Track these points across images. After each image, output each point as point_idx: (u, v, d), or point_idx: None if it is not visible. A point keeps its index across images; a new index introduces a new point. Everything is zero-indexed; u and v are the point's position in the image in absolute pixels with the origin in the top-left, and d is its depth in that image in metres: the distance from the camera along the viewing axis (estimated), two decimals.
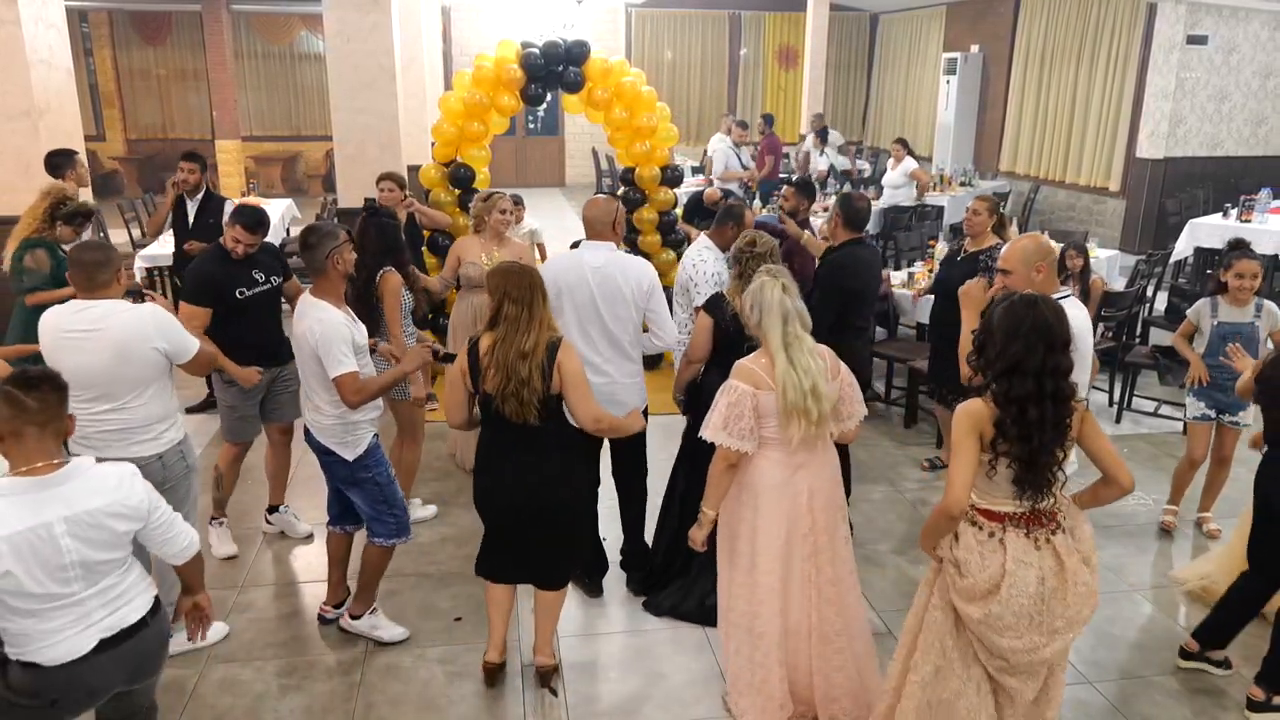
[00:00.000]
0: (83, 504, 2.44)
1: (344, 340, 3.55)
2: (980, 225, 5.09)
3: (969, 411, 2.76)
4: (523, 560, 3.56)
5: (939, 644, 2.94)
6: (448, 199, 7.04)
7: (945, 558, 2.89)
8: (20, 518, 2.35)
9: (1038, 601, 2.75)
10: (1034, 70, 13.34)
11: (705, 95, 17.97)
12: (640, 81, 7.25)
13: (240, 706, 3.57)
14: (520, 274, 3.30)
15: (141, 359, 3.42)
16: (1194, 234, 9.25)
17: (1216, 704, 3.68)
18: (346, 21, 6.50)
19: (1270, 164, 11.22)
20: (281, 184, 16.36)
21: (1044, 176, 13.17)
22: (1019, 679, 2.86)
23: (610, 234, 4.14)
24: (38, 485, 2.39)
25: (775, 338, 3.12)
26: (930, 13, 15.97)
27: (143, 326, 3.41)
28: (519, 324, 3.23)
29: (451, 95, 7.09)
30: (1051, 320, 2.68)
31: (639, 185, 7.35)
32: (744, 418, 3.13)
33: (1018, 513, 2.78)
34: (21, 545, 2.35)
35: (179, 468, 3.63)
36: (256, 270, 4.45)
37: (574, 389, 3.30)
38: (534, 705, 3.61)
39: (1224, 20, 10.61)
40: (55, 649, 2.43)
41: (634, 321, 4.10)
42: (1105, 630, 4.12)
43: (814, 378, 3.09)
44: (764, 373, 3.14)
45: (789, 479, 3.23)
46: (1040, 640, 2.77)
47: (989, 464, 2.74)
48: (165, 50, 16.62)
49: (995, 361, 2.70)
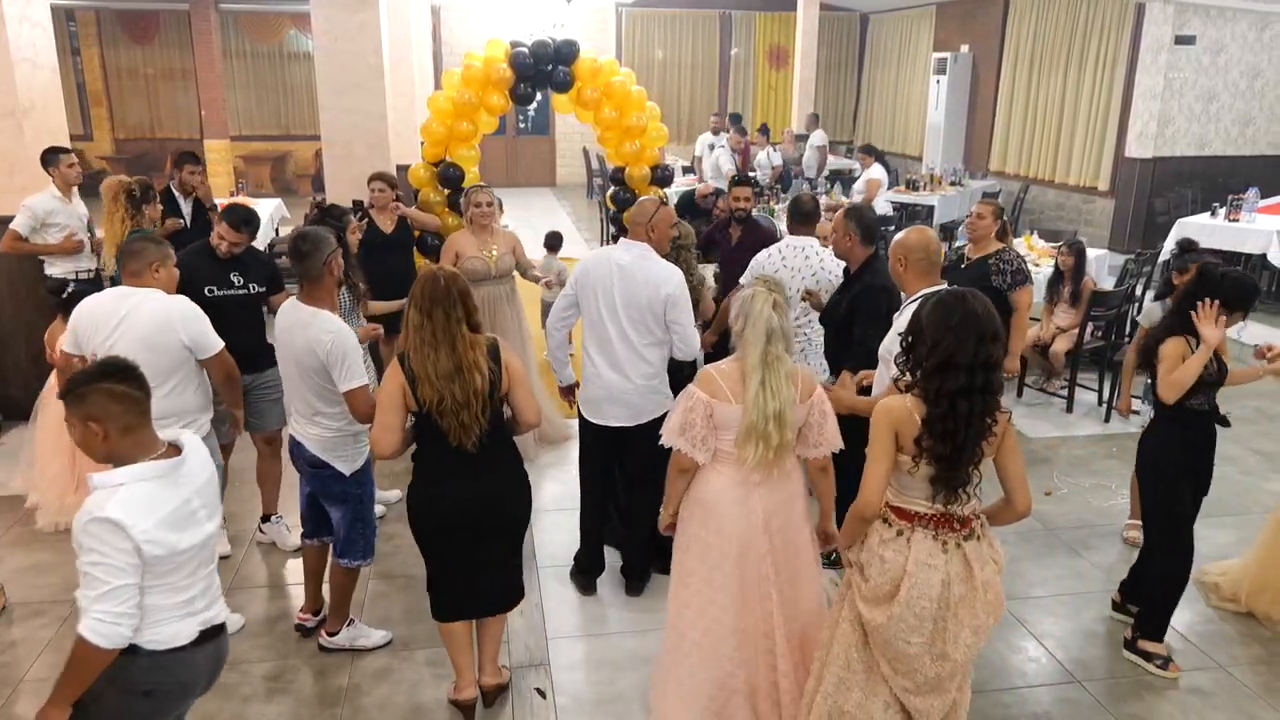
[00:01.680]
0: (201, 478, 2.50)
1: (356, 351, 3.49)
2: (984, 230, 5.06)
3: (886, 408, 2.72)
4: (473, 589, 3.38)
5: (844, 655, 2.89)
6: (437, 199, 7.01)
7: (852, 561, 2.87)
8: (174, 494, 2.38)
9: (941, 605, 2.70)
10: (1023, 70, 13.38)
11: (695, 95, 17.98)
12: (630, 81, 7.23)
13: (227, 710, 3.55)
14: (427, 282, 3.11)
15: (164, 349, 3.58)
16: (1182, 233, 9.25)
17: (1206, 703, 3.68)
18: (334, 20, 6.46)
19: (1257, 163, 11.28)
20: (270, 184, 16.29)
21: (1033, 176, 13.21)
22: (925, 698, 2.81)
23: (643, 235, 4.09)
24: (172, 467, 2.40)
25: (754, 353, 2.98)
26: (920, 13, 16.00)
27: (169, 316, 3.60)
28: (424, 335, 3.07)
29: (440, 95, 7.06)
30: (981, 312, 2.63)
31: (629, 185, 7.34)
32: (696, 425, 3.02)
33: (928, 513, 2.74)
34: (178, 520, 2.37)
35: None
36: (235, 273, 4.44)
37: (519, 387, 3.25)
38: (521, 707, 3.59)
39: (1211, 21, 10.65)
40: (161, 630, 2.39)
41: (649, 327, 4.01)
42: (1093, 630, 4.13)
43: (782, 404, 2.95)
44: (725, 383, 3.01)
45: (743, 498, 3.07)
46: (945, 647, 2.72)
47: (913, 461, 2.69)
48: (153, 49, 16.54)
49: (927, 357, 2.64)
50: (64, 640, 3.93)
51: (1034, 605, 4.30)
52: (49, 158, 5.80)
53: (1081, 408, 6.67)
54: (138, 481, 2.32)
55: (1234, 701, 3.69)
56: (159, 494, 2.34)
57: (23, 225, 5.75)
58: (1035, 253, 7.96)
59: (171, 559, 2.35)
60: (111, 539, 2.23)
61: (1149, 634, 3.87)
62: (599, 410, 4.13)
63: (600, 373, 4.08)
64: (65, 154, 5.86)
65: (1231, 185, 10.15)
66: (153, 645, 2.38)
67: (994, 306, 2.69)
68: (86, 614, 2.24)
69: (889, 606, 2.74)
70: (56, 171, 5.80)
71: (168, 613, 2.40)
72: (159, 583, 2.35)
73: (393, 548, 4.64)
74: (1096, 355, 6.66)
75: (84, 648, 2.25)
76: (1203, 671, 3.87)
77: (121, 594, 2.25)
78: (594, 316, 4.07)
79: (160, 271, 3.69)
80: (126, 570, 2.25)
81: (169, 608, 2.39)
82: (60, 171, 5.80)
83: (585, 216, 14.39)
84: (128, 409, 2.35)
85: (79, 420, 2.33)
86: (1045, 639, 4.07)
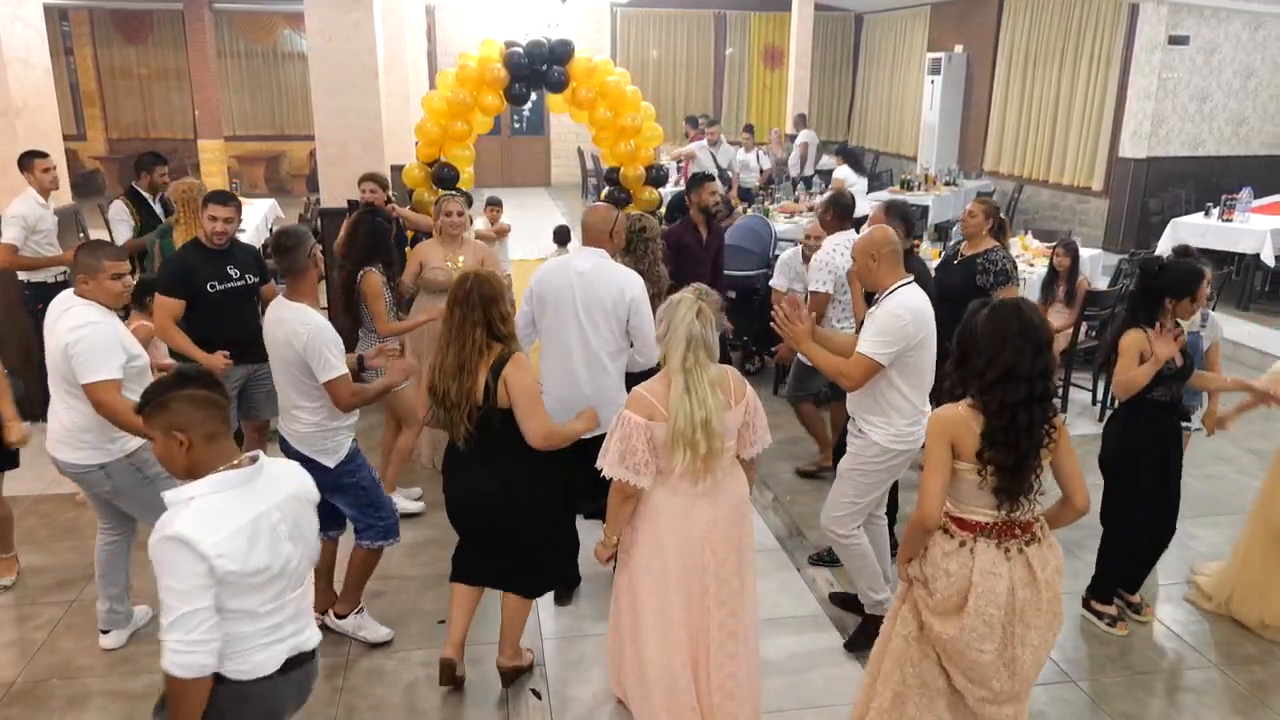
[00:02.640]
0: (282, 491, 2.38)
1: (333, 343, 3.52)
2: (975, 227, 5.08)
3: (941, 419, 2.72)
4: (491, 565, 3.52)
5: (899, 671, 2.91)
6: (431, 199, 7.00)
7: (915, 576, 2.87)
8: (249, 506, 2.27)
9: (1009, 611, 2.72)
10: (1017, 70, 13.40)
11: (690, 95, 17.97)
12: (625, 81, 7.23)
13: None
14: (457, 282, 3.25)
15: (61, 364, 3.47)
16: (1176, 233, 9.31)
17: (1199, 701, 3.69)
18: (328, 20, 6.44)
19: (1251, 163, 11.31)
20: (265, 184, 16.26)
21: (1028, 176, 13.23)
22: (1002, 708, 2.82)
23: (606, 242, 4.09)
24: (248, 476, 2.30)
25: (675, 359, 2.92)
26: (914, 13, 16.02)
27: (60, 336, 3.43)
28: (446, 329, 3.24)
29: (435, 94, 7.06)
30: (1037, 321, 2.67)
31: (624, 185, 7.34)
32: (638, 451, 2.92)
33: (990, 523, 2.75)
34: (255, 533, 2.26)
35: (129, 478, 3.63)
36: (232, 266, 4.47)
37: (522, 406, 3.20)
38: (516, 708, 3.59)
39: (1205, 21, 10.68)
40: (247, 659, 2.28)
41: (613, 334, 4.01)
42: (1087, 629, 4.14)
43: (709, 411, 2.88)
44: (658, 402, 2.93)
45: (688, 508, 3.02)
46: (1015, 651, 2.74)
47: (977, 474, 2.69)
48: (147, 49, 16.50)
49: (986, 370, 2.65)
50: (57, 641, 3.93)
51: None
52: (24, 161, 5.68)
53: (1076, 407, 6.69)
54: (210, 494, 2.22)
55: (1227, 700, 3.70)
56: (232, 506, 2.24)
57: (17, 237, 5.61)
58: (1030, 253, 7.97)
59: (250, 578, 2.22)
60: (179, 559, 2.13)
61: (1098, 596, 4.16)
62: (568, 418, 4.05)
63: (560, 384, 4.01)
64: (41, 158, 5.72)
65: (1225, 185, 10.18)
66: (238, 675, 2.27)
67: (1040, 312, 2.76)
68: (164, 642, 2.14)
69: (959, 618, 2.74)
70: (33, 176, 5.67)
71: (252, 640, 2.28)
72: (239, 608, 2.23)
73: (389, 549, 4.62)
74: (1090, 355, 6.67)
75: (170, 683, 2.15)
76: (1196, 670, 3.88)
77: (191, 620, 2.13)
78: (553, 327, 4.01)
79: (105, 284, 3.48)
80: (196, 594, 2.13)
81: (253, 635, 2.28)
82: (36, 176, 5.67)
83: (580, 216, 14.35)
84: (210, 415, 2.27)
85: (161, 431, 2.25)
86: None
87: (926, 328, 3.51)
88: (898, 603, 2.99)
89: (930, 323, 3.54)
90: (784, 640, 3.98)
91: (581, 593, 4.34)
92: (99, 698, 3.61)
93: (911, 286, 3.54)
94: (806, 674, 3.78)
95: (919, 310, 3.49)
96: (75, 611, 4.15)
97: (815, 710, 3.57)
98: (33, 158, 5.71)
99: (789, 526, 4.99)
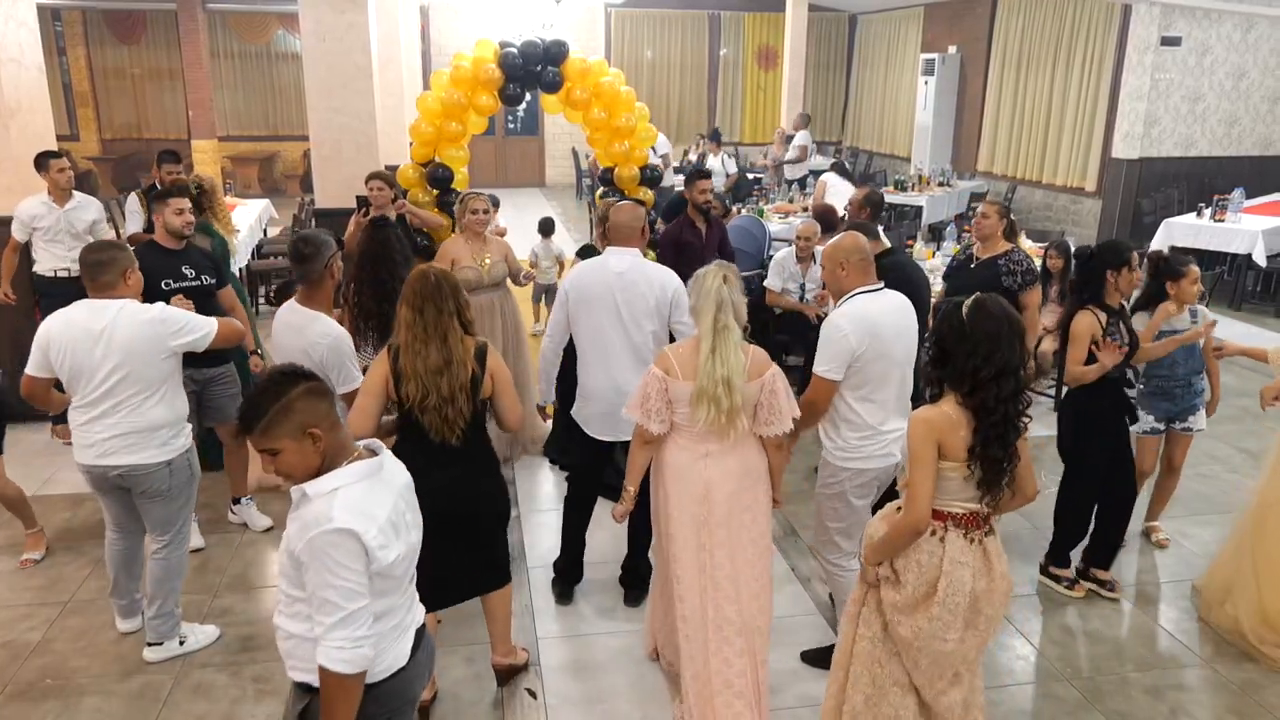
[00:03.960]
0: (400, 480, 2.35)
1: (353, 355, 3.56)
2: (990, 229, 5.08)
3: (926, 421, 2.71)
4: (458, 576, 3.41)
5: (868, 673, 2.92)
6: (426, 199, 7.00)
7: (884, 576, 2.86)
8: (388, 495, 2.23)
9: (971, 599, 2.75)
10: (1011, 71, 13.44)
11: (685, 96, 18.00)
12: (619, 81, 7.24)
13: (215, 712, 3.54)
14: (418, 279, 3.19)
15: (152, 358, 3.47)
16: (1169, 233, 9.36)
17: (1193, 699, 3.71)
18: (322, 21, 6.45)
19: (1243, 164, 11.35)
20: (259, 184, 16.23)
21: (1021, 176, 13.27)
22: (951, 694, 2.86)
23: (637, 240, 4.05)
24: (378, 465, 2.25)
25: (705, 323, 3.13)
26: (908, 14, 16.05)
27: (153, 326, 3.45)
28: (415, 331, 3.13)
29: (429, 95, 7.05)
30: (1015, 315, 2.72)
31: (618, 185, 7.35)
32: (651, 399, 3.20)
33: (962, 513, 2.77)
34: (397, 524, 2.22)
35: (184, 475, 3.67)
36: (187, 266, 4.51)
37: (506, 393, 3.28)
38: (512, 707, 3.59)
39: (1197, 22, 10.72)
40: (384, 657, 2.26)
41: (655, 334, 3.96)
42: (1079, 627, 4.15)
43: (730, 370, 3.08)
44: (678, 362, 3.18)
45: (691, 464, 3.22)
46: (970, 638, 2.78)
47: (967, 468, 2.70)
48: (140, 49, 16.47)
49: (982, 368, 2.64)
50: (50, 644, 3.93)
51: (1022, 603, 4.32)
52: (40, 162, 5.80)
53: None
54: (353, 483, 2.16)
55: (1218, 698, 3.72)
56: (376, 495, 2.19)
57: (19, 232, 5.83)
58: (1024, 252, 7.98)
59: (395, 568, 2.20)
60: (343, 554, 2.07)
61: (1055, 562, 4.49)
62: (608, 426, 4.01)
63: (602, 386, 3.98)
64: (56, 158, 5.84)
65: (1217, 185, 10.23)
66: (381, 675, 2.26)
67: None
68: (324, 641, 2.10)
69: (927, 608, 2.75)
70: (47, 176, 5.78)
71: (388, 638, 2.27)
72: (380, 606, 2.20)
73: None
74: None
75: (335, 682, 2.10)
76: (1189, 669, 3.90)
77: (359, 617, 2.10)
78: (594, 330, 3.96)
79: (131, 278, 3.53)
80: (361, 592, 2.10)
81: (388, 633, 2.27)
82: (51, 176, 5.78)
83: (574, 216, 14.38)
84: (331, 402, 2.21)
85: (293, 437, 2.15)
86: (1033, 636, 4.09)
87: (878, 337, 3.36)
88: (854, 606, 2.97)
89: (889, 330, 3.40)
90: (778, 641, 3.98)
91: (579, 592, 4.34)
92: (93, 698, 3.60)
93: (870, 294, 3.44)
94: (802, 675, 3.79)
95: (865, 319, 3.35)
96: (69, 612, 4.14)
97: (810, 709, 3.58)
98: (47, 158, 5.80)
99: (784, 527, 5.00)
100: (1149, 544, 4.89)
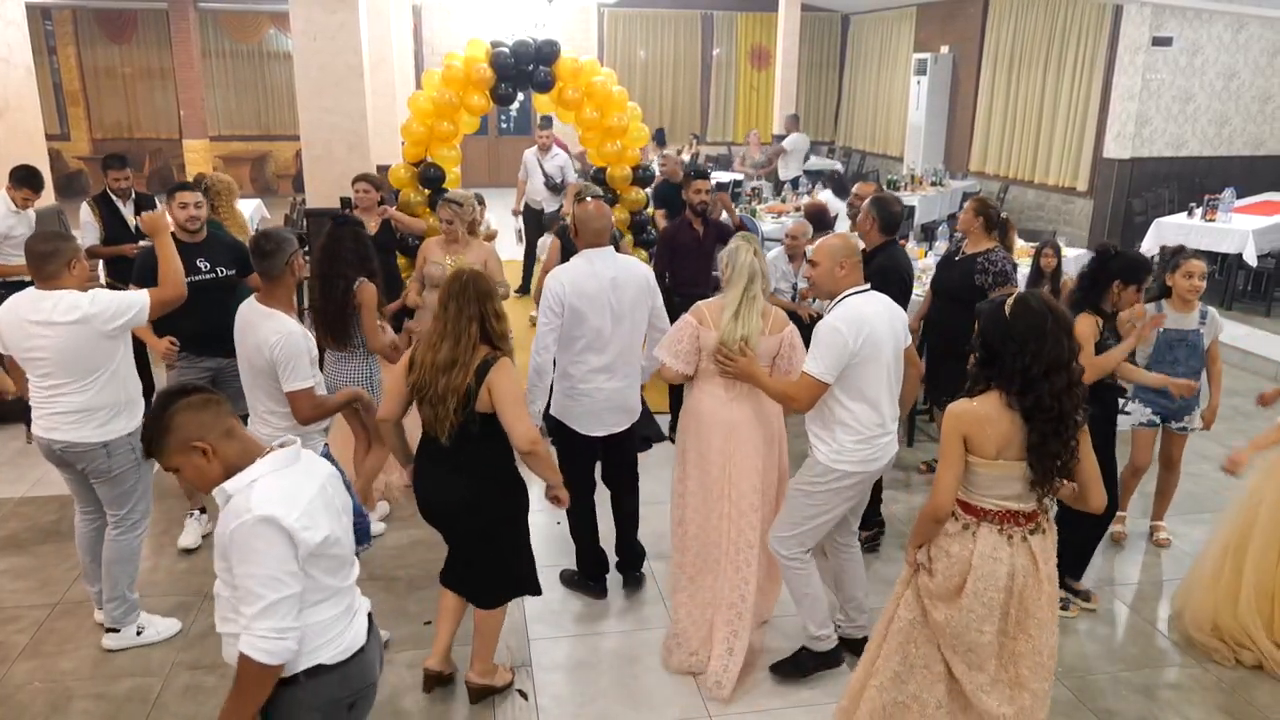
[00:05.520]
0: (325, 470, 2.36)
1: (306, 353, 3.52)
2: (965, 224, 5.12)
3: (955, 415, 2.73)
4: (455, 565, 3.53)
5: (901, 651, 2.95)
6: (418, 199, 6.99)
7: (921, 561, 2.90)
8: (309, 479, 2.24)
9: (1009, 595, 2.76)
10: (1003, 71, 13.46)
11: (677, 95, 17.98)
12: (611, 81, 7.24)
13: (204, 714, 3.52)
14: (452, 277, 3.27)
15: (87, 344, 3.51)
16: (1160, 233, 9.37)
17: (1184, 698, 3.72)
18: (313, 20, 6.43)
19: (1233, 164, 11.39)
20: (250, 184, 16.17)
21: (1013, 176, 13.29)
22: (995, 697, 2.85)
23: (606, 240, 4.08)
24: (295, 454, 2.26)
25: (735, 293, 3.60)
26: (900, 14, 16.07)
27: (82, 321, 3.48)
28: (437, 325, 3.22)
29: (421, 95, 7.04)
30: (1062, 309, 2.71)
31: (610, 185, 7.34)
32: (682, 342, 3.69)
33: (995, 510, 2.78)
34: (324, 505, 2.23)
35: (126, 458, 3.68)
36: (202, 259, 4.51)
37: (508, 411, 3.17)
38: (503, 708, 3.58)
39: (1188, 22, 10.75)
40: (340, 640, 2.29)
41: (644, 322, 4.12)
42: (1071, 626, 4.16)
43: (748, 331, 3.56)
44: (710, 314, 3.65)
45: (716, 409, 3.69)
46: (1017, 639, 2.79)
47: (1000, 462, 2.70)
48: (131, 48, 16.39)
49: (1031, 365, 2.63)
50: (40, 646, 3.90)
51: None
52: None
53: None
54: (269, 473, 2.18)
55: (1209, 697, 3.73)
56: (295, 480, 2.20)
57: None
58: (1015, 252, 7.99)
59: (330, 548, 2.21)
60: (263, 543, 2.09)
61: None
62: (600, 421, 4.07)
63: (602, 385, 4.02)
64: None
65: (1208, 185, 10.25)
66: (338, 658, 2.28)
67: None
68: (248, 631, 2.10)
69: (958, 600, 2.79)
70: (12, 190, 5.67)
71: (341, 620, 2.30)
72: (324, 588, 2.23)
73: (375, 547, 4.61)
74: None
75: (252, 666, 2.10)
76: (1182, 669, 3.91)
77: (282, 607, 2.10)
78: (594, 336, 3.97)
79: (76, 268, 3.54)
80: (285, 579, 2.11)
81: (339, 617, 2.30)
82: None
83: None
84: (217, 413, 2.21)
85: (180, 453, 2.18)
86: None
87: (873, 339, 3.36)
88: (900, 586, 3.02)
89: (882, 331, 3.39)
90: (772, 638, 3.99)
91: (572, 594, 4.34)
92: (82, 700, 3.58)
93: (862, 295, 3.45)
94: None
95: (861, 320, 3.34)
96: (58, 614, 4.12)
97: (804, 709, 3.58)
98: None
99: None
100: (1149, 543, 4.93)
